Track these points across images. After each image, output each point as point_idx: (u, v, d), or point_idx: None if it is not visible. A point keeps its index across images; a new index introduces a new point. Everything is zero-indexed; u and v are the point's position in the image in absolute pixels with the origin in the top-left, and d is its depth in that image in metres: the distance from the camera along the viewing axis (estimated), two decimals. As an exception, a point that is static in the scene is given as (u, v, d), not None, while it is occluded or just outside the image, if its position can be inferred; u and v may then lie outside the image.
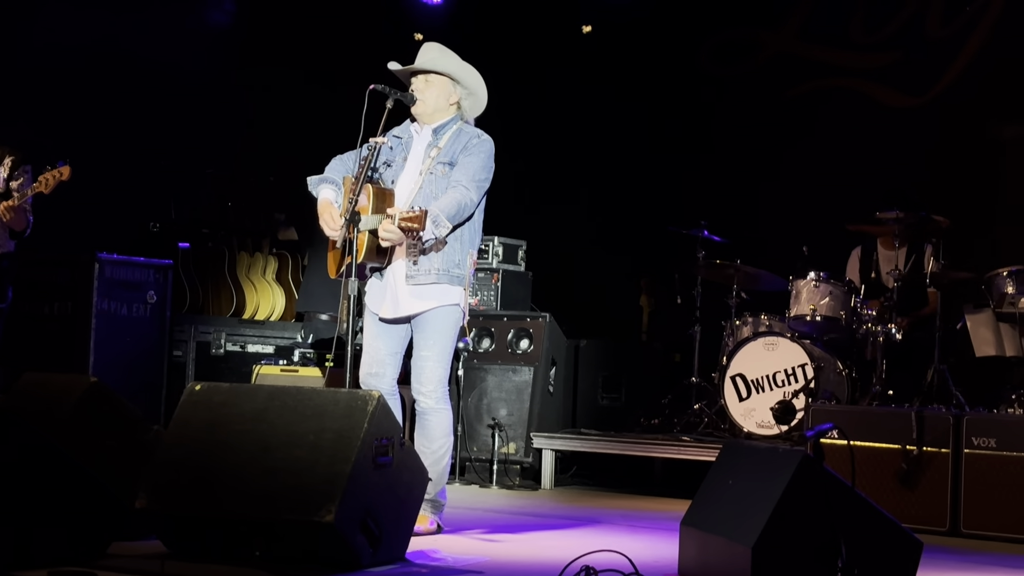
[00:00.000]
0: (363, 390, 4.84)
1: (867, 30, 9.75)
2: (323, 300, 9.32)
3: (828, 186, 9.28)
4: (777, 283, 8.36)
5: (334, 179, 5.69)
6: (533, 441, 8.09)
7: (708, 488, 4.84)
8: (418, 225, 5.22)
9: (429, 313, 5.56)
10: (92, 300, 8.23)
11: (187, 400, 4.86)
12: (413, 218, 5.22)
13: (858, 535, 3.64)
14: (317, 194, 5.68)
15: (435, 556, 5.01)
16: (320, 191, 5.66)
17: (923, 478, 6.55)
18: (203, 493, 4.60)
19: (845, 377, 7.87)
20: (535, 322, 8.35)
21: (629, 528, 6.31)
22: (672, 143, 10.07)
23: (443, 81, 5.68)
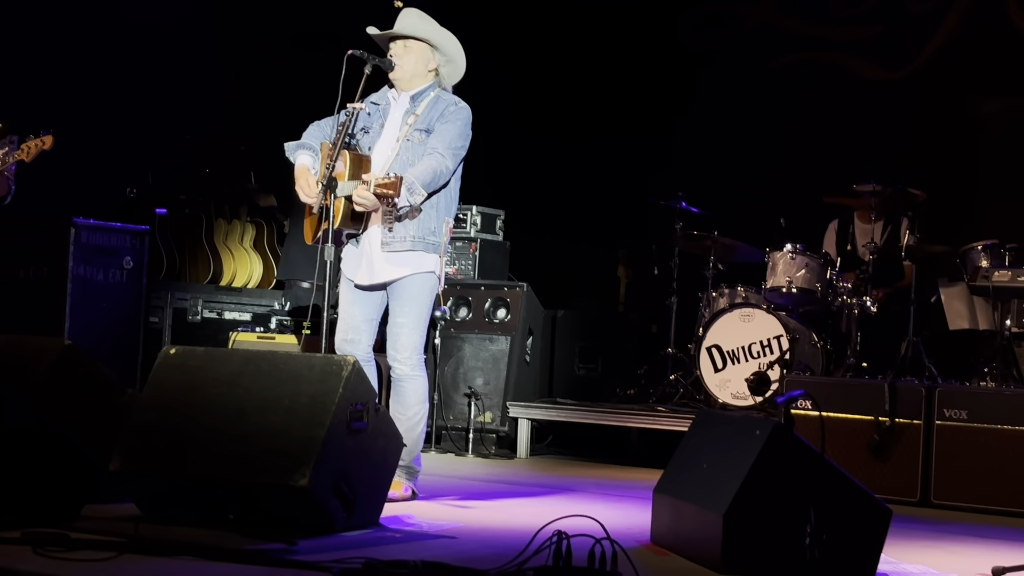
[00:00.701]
0: (338, 355, 4.85)
1: (846, 3, 9.76)
2: (304, 268, 9.31)
3: (806, 159, 9.30)
4: (754, 255, 8.38)
5: (312, 145, 5.68)
6: (509, 410, 8.11)
7: (681, 456, 4.87)
8: (393, 192, 5.21)
9: (404, 280, 5.56)
10: (68, 265, 8.19)
11: (162, 364, 4.85)
12: (388, 184, 5.21)
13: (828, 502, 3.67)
14: (294, 160, 5.67)
15: (409, 521, 5.02)
16: (297, 157, 5.66)
17: (895, 449, 6.60)
18: (177, 456, 4.60)
19: (820, 349, 7.91)
20: (512, 292, 8.36)
21: (603, 496, 6.34)
22: (652, 115, 10.07)
23: (422, 47, 5.67)
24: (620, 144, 10.14)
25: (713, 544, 4.15)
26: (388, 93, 5.76)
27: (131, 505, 4.73)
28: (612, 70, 10.29)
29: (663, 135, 9.96)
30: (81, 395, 5.04)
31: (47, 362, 5.05)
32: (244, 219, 9.84)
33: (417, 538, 4.69)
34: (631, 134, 10.11)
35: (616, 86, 10.26)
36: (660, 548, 4.68)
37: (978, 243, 7.54)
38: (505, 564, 3.86)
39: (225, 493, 4.53)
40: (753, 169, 9.58)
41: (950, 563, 4.72)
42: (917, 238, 7.84)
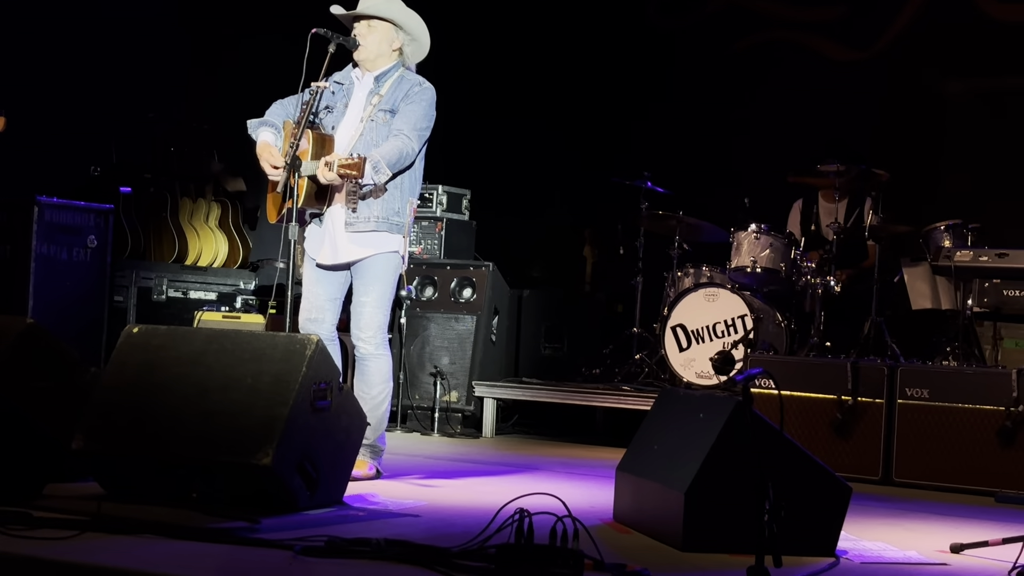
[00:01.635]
0: (302, 334, 4.84)
1: (812, -16, 9.79)
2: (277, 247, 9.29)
3: (771, 139, 9.34)
4: (719, 235, 8.41)
5: (274, 123, 5.67)
6: (475, 390, 8.13)
7: (644, 434, 4.90)
8: (356, 172, 5.21)
9: (368, 260, 5.56)
10: (31, 244, 8.17)
11: (125, 342, 4.84)
12: (352, 165, 5.21)
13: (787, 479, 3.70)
14: (256, 137, 5.66)
15: (373, 500, 5.03)
16: (260, 133, 5.65)
17: (857, 428, 6.65)
18: (140, 434, 4.59)
19: (784, 328, 7.96)
20: (478, 271, 8.37)
21: (568, 475, 6.37)
22: (618, 95, 10.08)
23: (386, 27, 5.66)
24: (586, 124, 10.15)
25: (675, 521, 4.18)
26: (352, 72, 5.75)
27: (94, 484, 4.71)
28: (579, 50, 10.29)
29: (629, 115, 9.98)
30: (43, 374, 5.01)
31: (9, 341, 5.01)
32: (209, 198, 9.80)
33: (380, 516, 4.70)
34: (597, 114, 10.12)
35: (583, 66, 10.26)
36: (622, 526, 4.71)
37: (941, 223, 7.61)
38: (468, 542, 3.87)
39: (188, 471, 4.53)
40: (718, 149, 9.60)
41: (910, 540, 4.76)
42: (881, 218, 7.88)
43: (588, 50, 10.26)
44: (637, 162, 8.90)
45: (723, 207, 8.53)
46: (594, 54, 10.24)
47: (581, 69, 10.27)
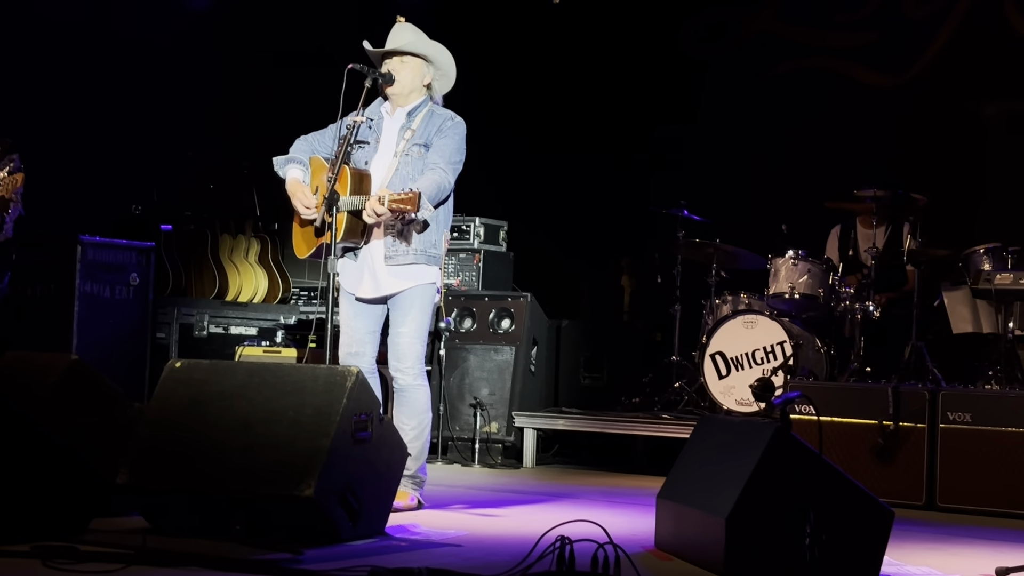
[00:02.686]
0: (342, 366, 4.88)
1: (846, 10, 9.79)
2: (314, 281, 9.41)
3: (807, 165, 9.33)
4: (756, 261, 8.40)
5: (301, 159, 5.75)
6: (515, 420, 8.14)
7: (684, 461, 4.90)
8: (411, 207, 5.25)
9: (406, 292, 5.61)
10: (75, 282, 8.25)
11: (168, 377, 4.89)
12: (406, 199, 5.24)
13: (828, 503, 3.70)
14: (284, 174, 5.74)
15: (414, 530, 5.05)
16: (288, 171, 5.73)
17: (899, 453, 6.62)
18: (184, 468, 4.64)
19: (823, 354, 7.93)
20: (516, 302, 8.40)
21: (609, 504, 6.37)
22: (653, 123, 10.10)
23: (417, 62, 5.72)
24: (622, 153, 10.17)
25: (716, 547, 4.18)
26: (380, 108, 5.81)
27: (139, 518, 4.77)
28: (614, 78, 10.33)
29: (665, 144, 9.99)
30: (88, 410, 5.07)
31: (54, 378, 5.08)
32: (249, 234, 9.88)
33: (422, 546, 4.72)
34: (633, 142, 10.14)
35: (618, 95, 10.29)
36: (664, 553, 4.71)
37: (980, 246, 7.56)
38: (509, 570, 3.89)
39: (231, 504, 4.56)
40: (755, 176, 9.60)
41: (954, 565, 4.73)
42: (919, 242, 7.85)
43: (623, 79, 10.30)
44: (673, 190, 8.91)
45: (760, 234, 8.52)
46: (629, 83, 10.27)
47: (616, 98, 10.30)
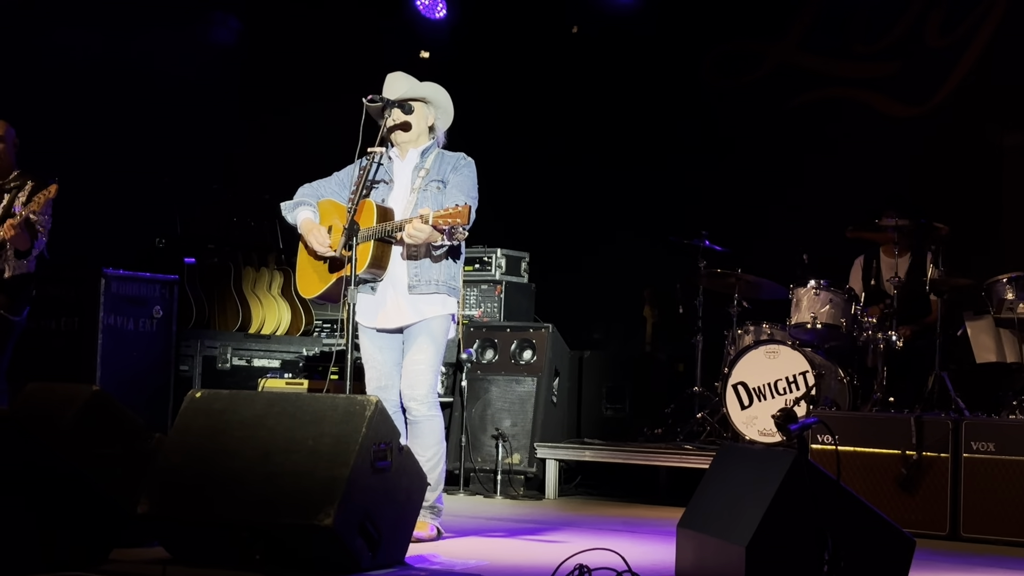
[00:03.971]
0: (360, 396, 4.89)
1: (867, 40, 9.82)
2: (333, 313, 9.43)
3: (829, 195, 9.33)
4: (778, 291, 8.39)
5: (309, 202, 5.84)
6: (537, 451, 8.13)
7: (704, 490, 4.88)
8: (462, 220, 5.27)
9: (425, 322, 5.64)
10: (99, 315, 8.29)
11: (188, 407, 4.91)
12: (455, 213, 5.26)
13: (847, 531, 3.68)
14: (295, 218, 5.82)
15: (434, 560, 5.05)
16: (298, 214, 5.81)
17: (923, 483, 6.57)
18: (204, 498, 4.65)
19: (846, 384, 7.90)
20: (538, 333, 8.40)
21: (630, 534, 6.35)
22: (674, 154, 10.13)
23: (420, 106, 5.82)
24: (643, 184, 10.20)
25: None
26: (388, 152, 5.87)
27: (159, 548, 4.78)
28: (634, 110, 10.37)
29: (686, 174, 10.01)
30: (108, 440, 5.09)
31: (75, 409, 5.11)
32: (272, 267, 9.93)
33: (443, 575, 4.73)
34: (654, 174, 10.17)
35: (638, 126, 10.33)
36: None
37: (1003, 276, 7.53)
38: (528, 599, 3.88)
39: (251, 534, 4.57)
40: (776, 206, 9.60)
41: (977, 594, 4.70)
42: (942, 272, 7.84)
43: (644, 111, 10.33)
44: (694, 221, 8.92)
45: (782, 264, 8.51)
46: (649, 113, 10.30)
47: (637, 128, 10.33)
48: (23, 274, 6.98)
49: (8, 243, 6.84)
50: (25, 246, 6.88)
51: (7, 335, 7.01)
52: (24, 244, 6.87)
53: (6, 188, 7.08)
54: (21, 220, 6.77)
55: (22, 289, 7.01)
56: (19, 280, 6.97)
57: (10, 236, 6.78)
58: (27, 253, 6.92)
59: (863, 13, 9.84)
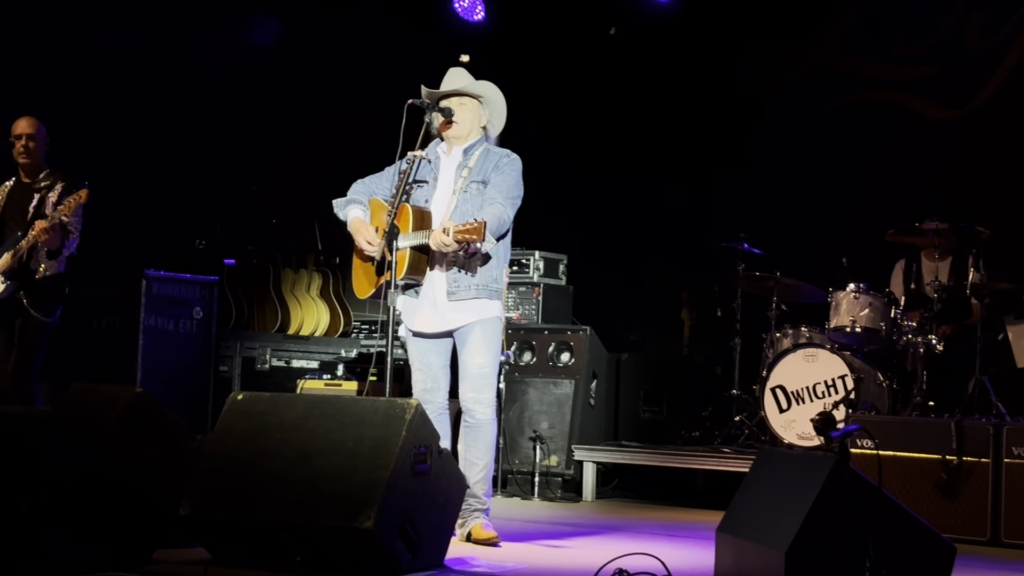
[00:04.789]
0: (401, 399, 4.90)
1: (907, 43, 9.76)
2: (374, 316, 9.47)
3: (868, 198, 9.29)
4: (817, 295, 8.36)
5: (360, 200, 5.83)
6: (575, 453, 8.14)
7: (743, 495, 4.88)
8: (477, 236, 5.28)
9: (475, 326, 5.65)
10: (140, 316, 8.35)
11: (229, 409, 4.95)
12: (472, 229, 5.28)
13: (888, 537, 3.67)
14: (346, 216, 5.81)
15: (474, 563, 5.07)
16: (348, 211, 5.80)
17: (963, 488, 6.54)
18: (245, 500, 4.68)
19: (886, 388, 7.86)
20: (576, 335, 8.40)
21: (668, 537, 6.34)
22: (712, 156, 10.11)
23: (474, 104, 5.80)
24: (681, 186, 10.18)
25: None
26: (437, 148, 5.87)
27: (201, 549, 4.81)
28: (672, 113, 10.35)
29: (724, 176, 9.99)
30: (151, 441, 5.13)
31: (118, 410, 5.15)
32: (311, 268, 9.97)
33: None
34: (692, 176, 10.15)
35: (676, 129, 10.31)
36: (723, 587, 4.68)
37: (1045, 279, 7.49)
38: (567, 603, 3.89)
39: (291, 536, 4.60)
40: (815, 209, 9.56)
41: (1019, 601, 4.67)
42: (983, 275, 7.78)
43: (682, 113, 10.31)
44: (733, 223, 8.89)
45: (821, 267, 8.48)
46: (688, 117, 10.28)
47: (675, 132, 10.31)
48: (55, 275, 7.03)
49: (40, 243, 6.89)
50: (56, 246, 6.91)
51: (40, 336, 7.05)
52: (55, 244, 6.90)
53: (36, 188, 7.13)
54: (53, 223, 6.82)
55: (54, 290, 7.05)
56: (51, 281, 7.02)
57: (43, 239, 6.83)
58: (58, 253, 6.96)
59: (903, 15, 9.78)
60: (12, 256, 6.92)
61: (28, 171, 7.17)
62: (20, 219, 7.06)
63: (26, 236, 6.88)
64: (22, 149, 7.11)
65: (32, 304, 6.96)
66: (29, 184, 7.17)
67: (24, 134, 7.12)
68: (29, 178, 7.18)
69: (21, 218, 7.06)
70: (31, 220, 6.97)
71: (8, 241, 6.99)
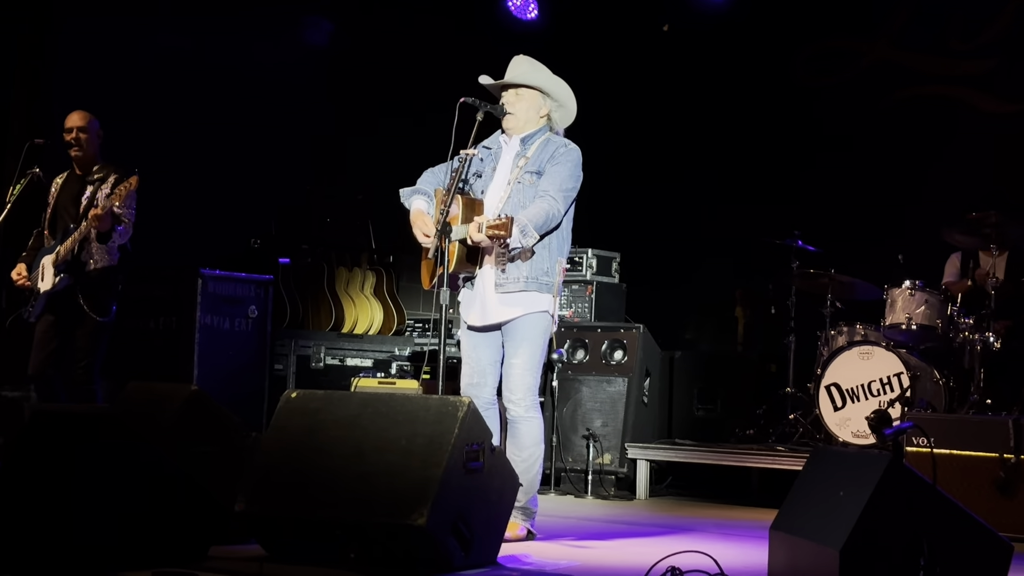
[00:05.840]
0: (453, 396, 4.92)
1: (964, 37, 9.67)
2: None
3: (924, 193, 9.22)
4: (872, 292, 8.31)
5: (426, 191, 5.80)
6: (628, 451, 8.12)
7: (797, 493, 4.85)
8: (504, 232, 5.28)
9: (519, 320, 5.62)
10: (196, 315, 8.41)
11: (284, 407, 4.98)
12: (499, 225, 5.29)
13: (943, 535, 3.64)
14: (409, 205, 5.79)
15: (526, 560, 5.07)
16: (412, 202, 5.78)
17: (1021, 486, 6.47)
18: (300, 497, 4.71)
19: (942, 386, 7.80)
20: (629, 333, 8.39)
21: (722, 536, 6.32)
22: (766, 153, 10.06)
23: (533, 94, 5.76)
24: (735, 183, 10.14)
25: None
26: (500, 137, 5.86)
27: (256, 546, 4.84)
28: (726, 109, 10.31)
29: (778, 173, 9.94)
30: (207, 439, 5.18)
31: (175, 407, 5.21)
32: (364, 267, 10.02)
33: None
34: (746, 173, 10.11)
35: (729, 125, 10.27)
36: (777, 586, 4.66)
37: (1104, 275, 7.40)
38: (620, 600, 3.88)
39: (346, 533, 4.62)
40: (870, 205, 9.50)
41: (1078, 601, 4.61)
42: (1040, 270, 7.70)
43: (734, 110, 10.28)
44: (787, 221, 8.85)
45: (876, 264, 8.43)
46: (741, 113, 10.25)
47: (728, 129, 10.28)
48: (107, 267, 7.04)
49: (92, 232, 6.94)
50: (106, 228, 6.92)
51: (99, 336, 7.09)
52: (105, 226, 6.90)
53: (90, 181, 7.19)
54: (105, 212, 6.85)
55: (107, 285, 7.06)
56: (103, 275, 7.03)
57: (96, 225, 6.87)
58: (108, 236, 6.96)
59: (960, 9, 9.69)
60: (65, 249, 6.99)
61: (81, 164, 7.25)
62: (73, 211, 7.13)
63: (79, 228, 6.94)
64: (73, 141, 7.18)
65: (88, 304, 7.01)
66: (82, 177, 7.23)
67: (75, 127, 7.19)
68: (82, 171, 7.25)
69: (75, 210, 7.13)
70: (84, 212, 7.02)
71: (61, 234, 7.07)
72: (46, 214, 7.28)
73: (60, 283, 6.99)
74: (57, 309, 7.08)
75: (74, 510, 4.38)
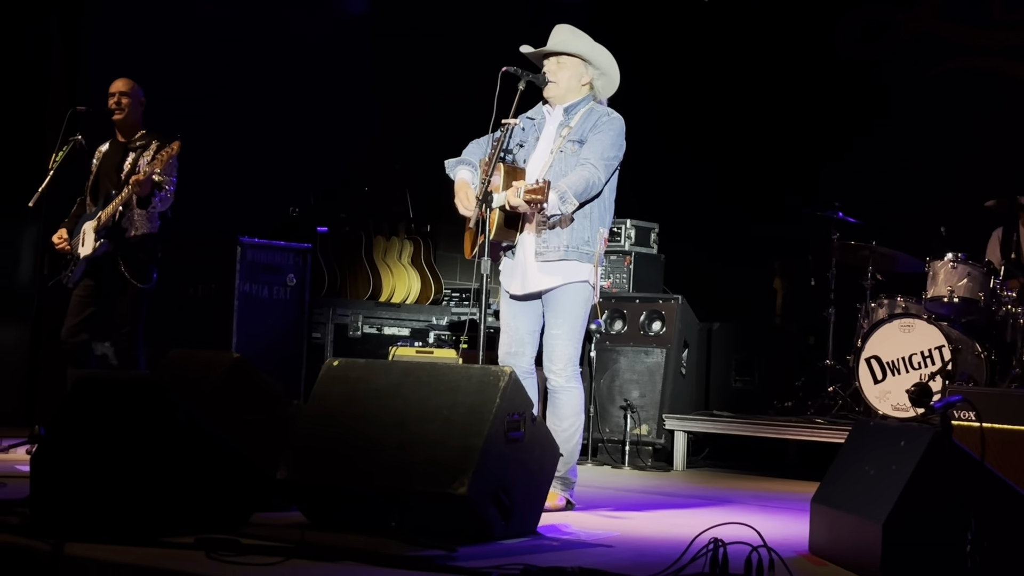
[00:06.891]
0: (495, 366, 4.92)
1: (1008, 8, 9.56)
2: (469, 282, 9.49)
3: (967, 165, 9.13)
4: (914, 264, 8.25)
5: (471, 161, 5.78)
6: (665, 423, 8.12)
7: (839, 466, 4.83)
8: (541, 196, 5.26)
9: (559, 290, 5.60)
10: (235, 283, 8.45)
11: (325, 375, 4.99)
12: (536, 190, 5.27)
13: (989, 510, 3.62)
14: (454, 176, 5.78)
15: (566, 530, 5.08)
16: (457, 172, 5.77)
17: (1063, 461, 6.41)
18: (341, 465, 4.73)
19: (984, 360, 7.75)
20: (667, 304, 8.37)
21: (761, 507, 6.31)
22: (806, 124, 9.98)
23: (575, 62, 5.73)
24: (775, 154, 10.07)
25: (872, 553, 4.11)
26: (543, 107, 5.84)
27: (297, 513, 4.87)
28: (766, 80, 10.23)
29: (819, 144, 9.86)
30: (248, 406, 5.20)
31: (217, 374, 5.23)
32: (402, 236, 10.03)
33: (574, 546, 4.74)
34: (786, 144, 10.04)
35: (770, 96, 10.19)
36: (818, 558, 4.65)
37: None
38: (662, 571, 3.88)
39: (386, 501, 4.64)
40: (911, 177, 9.42)
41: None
42: (1083, 243, 7.63)
43: (775, 80, 10.19)
44: (827, 192, 8.80)
45: (917, 236, 8.36)
46: (782, 84, 10.16)
47: (768, 99, 10.20)
48: (146, 234, 7.07)
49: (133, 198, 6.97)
50: (146, 192, 6.94)
51: (139, 303, 7.12)
52: (145, 190, 6.93)
53: (132, 147, 7.23)
54: (146, 177, 6.87)
55: (147, 252, 7.09)
56: (143, 242, 7.06)
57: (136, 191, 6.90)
58: (147, 201, 6.98)
59: (1003, -20, 9.59)
60: (107, 214, 7.02)
61: (123, 130, 7.28)
62: (115, 178, 7.17)
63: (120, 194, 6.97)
64: (114, 106, 7.23)
65: (129, 271, 7.04)
66: (124, 144, 7.28)
67: (119, 91, 7.25)
68: (124, 138, 7.29)
69: (116, 177, 7.17)
70: (125, 179, 7.06)
71: (103, 200, 7.10)
72: (88, 182, 7.33)
73: (100, 248, 7.02)
74: (97, 275, 7.12)
75: (120, 476, 4.40)
